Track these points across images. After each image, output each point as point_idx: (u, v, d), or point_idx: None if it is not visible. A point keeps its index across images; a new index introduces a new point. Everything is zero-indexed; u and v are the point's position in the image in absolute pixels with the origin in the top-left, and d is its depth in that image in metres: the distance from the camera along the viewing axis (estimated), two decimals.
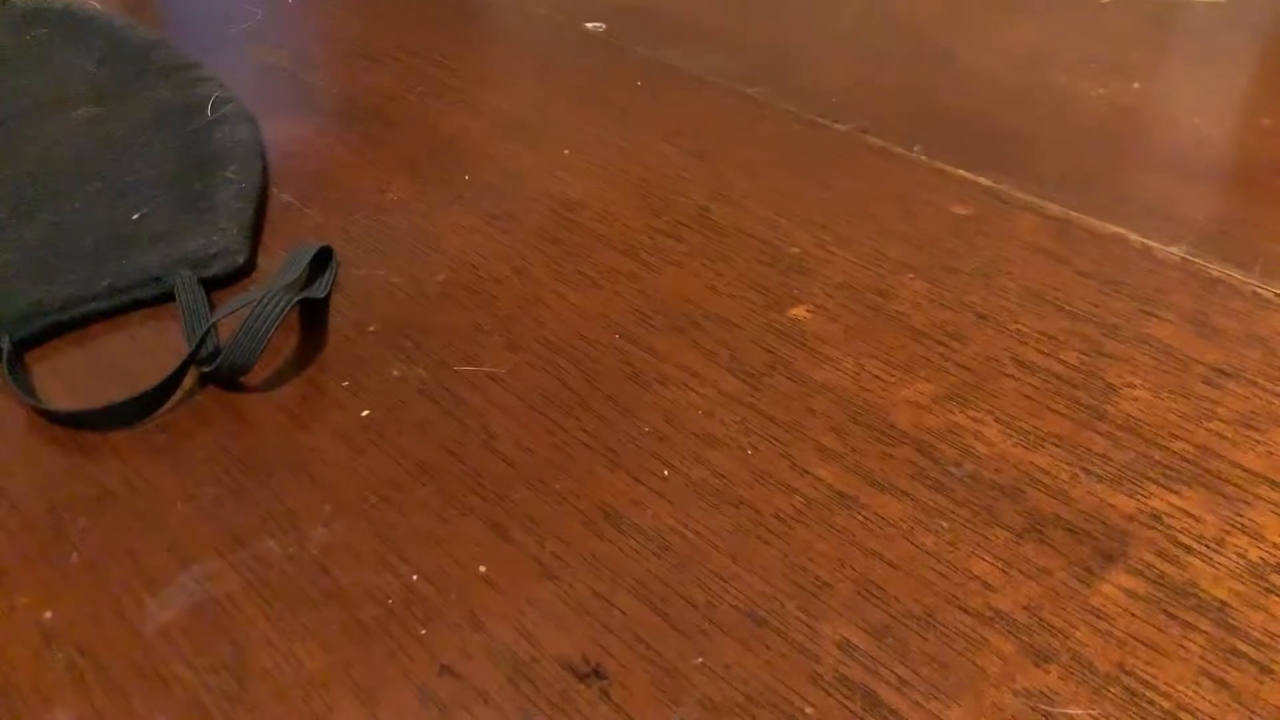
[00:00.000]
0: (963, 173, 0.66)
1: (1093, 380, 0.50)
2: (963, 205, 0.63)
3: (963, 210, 0.63)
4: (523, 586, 0.40)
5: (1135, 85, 0.77)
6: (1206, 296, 0.55)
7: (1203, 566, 0.41)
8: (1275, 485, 0.45)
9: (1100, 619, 0.39)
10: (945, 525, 0.43)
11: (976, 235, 0.60)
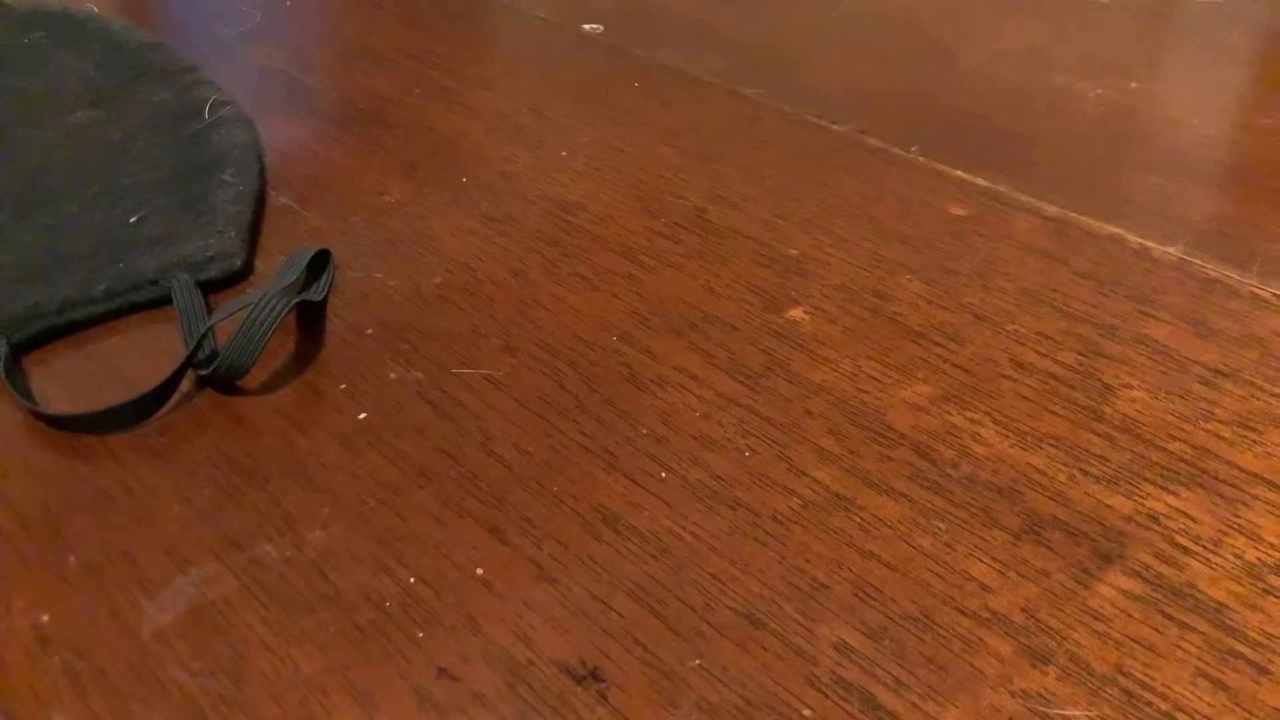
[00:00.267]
0: (960, 173, 0.66)
1: (1090, 381, 0.50)
2: (960, 206, 0.63)
3: (960, 211, 0.63)
4: (520, 589, 0.40)
5: (1133, 85, 0.77)
6: (1204, 297, 0.55)
7: (1200, 567, 0.41)
8: (1273, 486, 0.45)
9: (1098, 620, 0.39)
10: (943, 526, 0.43)
11: (974, 236, 0.60)
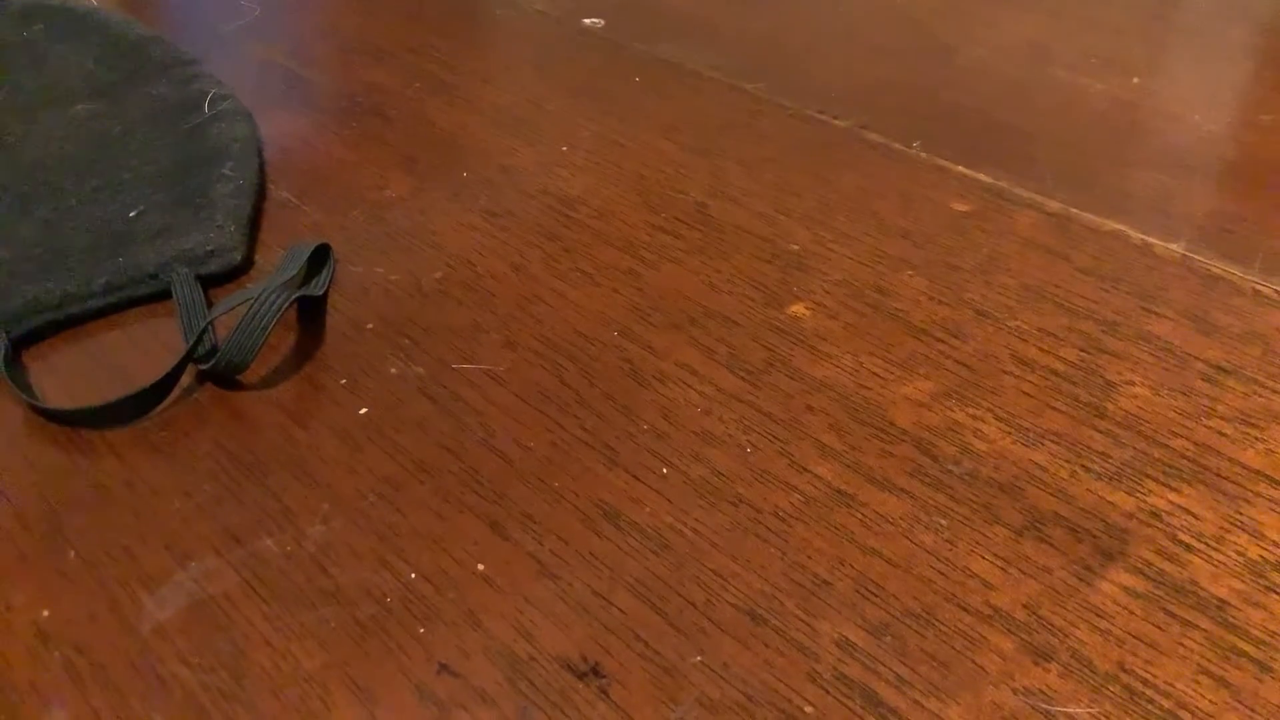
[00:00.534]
0: (962, 169, 0.66)
1: (1092, 377, 0.50)
2: (962, 202, 0.63)
3: (962, 207, 0.62)
4: (521, 585, 0.40)
5: (1135, 80, 0.77)
6: (1206, 293, 0.55)
7: (1202, 564, 0.41)
8: (1275, 483, 0.45)
9: (1100, 617, 0.39)
10: (944, 523, 0.43)
11: (976, 232, 0.60)
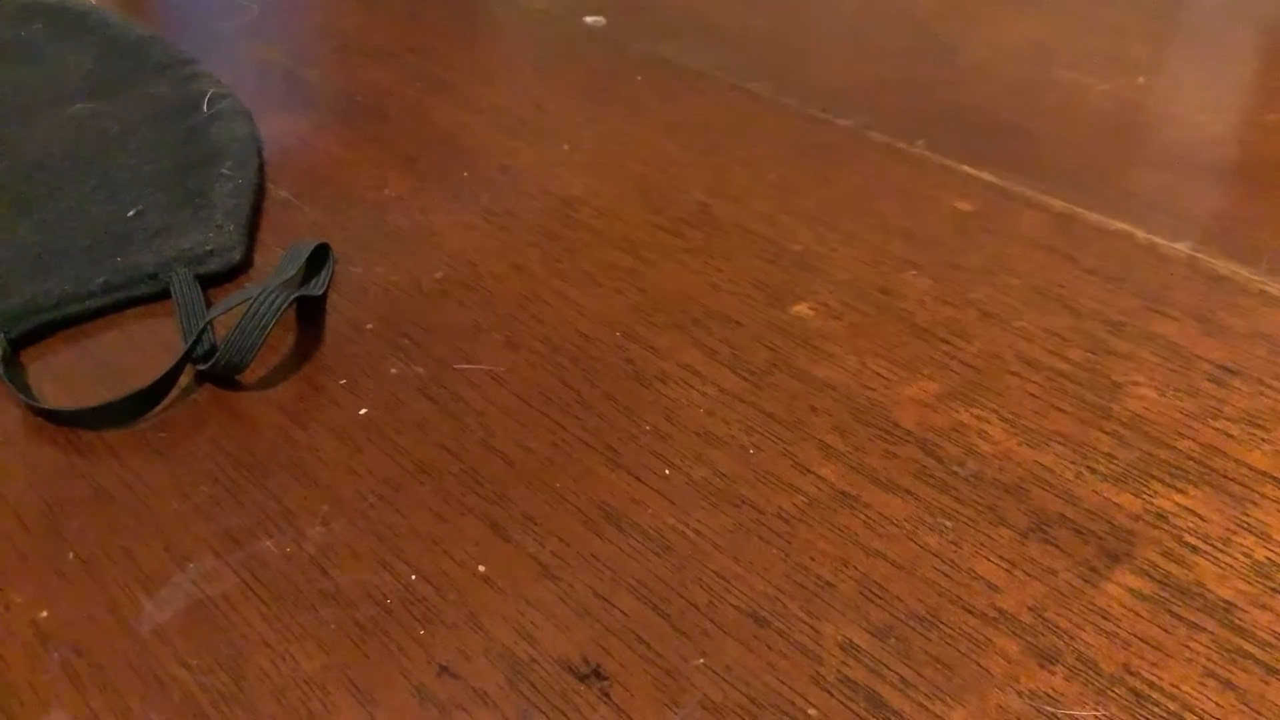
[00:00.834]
0: (966, 168, 0.66)
1: (1098, 378, 0.50)
2: (966, 201, 0.63)
3: (966, 206, 0.62)
4: (522, 586, 0.40)
5: (1140, 80, 0.77)
6: (1212, 293, 0.55)
7: (1209, 566, 0.41)
8: None
9: (1106, 619, 0.39)
10: (949, 525, 0.42)
11: (980, 231, 0.60)
